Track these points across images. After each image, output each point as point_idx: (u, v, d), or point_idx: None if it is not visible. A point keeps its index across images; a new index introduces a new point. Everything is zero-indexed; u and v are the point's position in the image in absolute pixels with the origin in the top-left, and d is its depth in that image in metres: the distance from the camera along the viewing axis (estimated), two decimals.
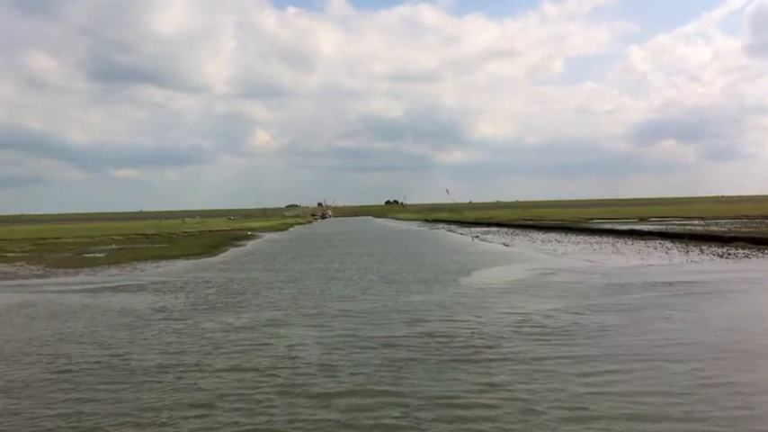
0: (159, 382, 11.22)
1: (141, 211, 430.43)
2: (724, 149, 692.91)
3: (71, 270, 33.45)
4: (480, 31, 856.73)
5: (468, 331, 14.77)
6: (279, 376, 11.44)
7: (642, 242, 43.81)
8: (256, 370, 11.89)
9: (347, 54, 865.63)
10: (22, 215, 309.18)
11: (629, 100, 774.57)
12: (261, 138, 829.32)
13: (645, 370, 11.20)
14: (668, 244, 41.15)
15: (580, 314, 16.70)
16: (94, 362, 12.80)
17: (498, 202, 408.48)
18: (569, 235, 57.64)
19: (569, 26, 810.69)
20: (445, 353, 12.75)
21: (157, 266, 35.35)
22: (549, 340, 13.59)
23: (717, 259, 30.84)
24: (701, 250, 35.59)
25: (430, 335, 14.58)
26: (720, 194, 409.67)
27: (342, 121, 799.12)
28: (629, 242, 44.24)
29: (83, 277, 30.22)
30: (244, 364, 12.41)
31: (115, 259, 39.81)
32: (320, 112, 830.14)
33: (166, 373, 11.79)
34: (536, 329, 14.80)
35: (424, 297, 20.79)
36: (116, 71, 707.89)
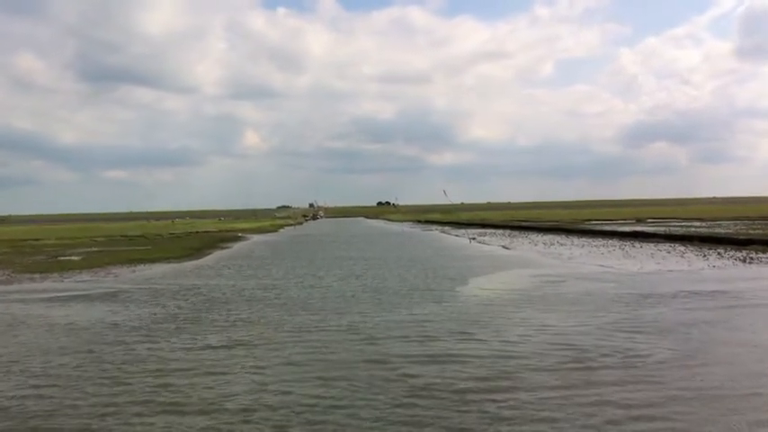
0: None
1: (131, 212, 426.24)
2: (715, 152, 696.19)
3: (38, 276, 30.70)
4: (470, 34, 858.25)
5: (490, 361, 12.03)
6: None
7: (651, 245, 41.41)
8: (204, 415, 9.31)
9: (337, 55, 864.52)
10: (9, 216, 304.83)
11: (620, 102, 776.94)
12: (251, 139, 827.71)
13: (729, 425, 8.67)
14: (680, 247, 38.75)
15: (613, 334, 14.14)
16: None
17: (490, 204, 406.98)
18: (571, 237, 55.20)
19: (560, 28, 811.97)
20: (470, 400, 9.99)
21: (133, 271, 32.67)
22: (591, 377, 10.88)
23: (740, 264, 28.42)
24: (718, 254, 33.18)
25: (443, 364, 11.90)
26: (713, 196, 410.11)
27: (333, 122, 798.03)
28: (637, 245, 41.82)
29: (48, 284, 27.51)
30: (188, 407, 9.81)
31: (89, 263, 37.09)
32: (311, 113, 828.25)
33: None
34: (569, 357, 12.14)
35: (428, 310, 18.18)
36: (104, 72, 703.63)
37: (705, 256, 32.63)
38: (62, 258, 41.74)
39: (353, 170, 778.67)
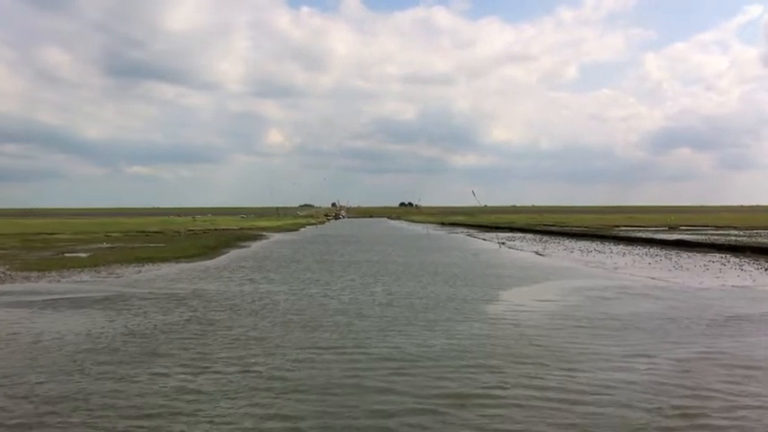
0: None
1: (155, 208, 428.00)
2: (740, 159, 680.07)
3: (34, 274, 28.32)
4: (495, 36, 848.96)
5: (563, 414, 9.14)
6: None
7: (699, 255, 38.03)
8: None
9: (361, 55, 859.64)
10: (33, 209, 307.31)
11: (644, 108, 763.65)
12: (274, 137, 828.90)
13: None
14: (733, 258, 35.36)
15: (712, 379, 11.12)
16: None
17: (514, 207, 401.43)
18: (606, 244, 51.84)
19: (584, 32, 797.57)
20: None
21: (139, 271, 30.23)
22: None
23: None
24: None
25: (494, 417, 9.08)
26: (740, 204, 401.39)
27: (355, 122, 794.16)
28: (685, 255, 38.43)
29: (42, 284, 25.14)
30: None
31: (95, 261, 34.73)
32: (334, 112, 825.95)
33: None
34: (670, 412, 9.16)
35: (461, 331, 15.28)
36: (129, 67, 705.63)
37: (767, 269, 29.32)
38: (69, 255, 39.55)
39: (376, 170, 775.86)
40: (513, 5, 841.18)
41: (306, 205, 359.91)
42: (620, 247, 47.73)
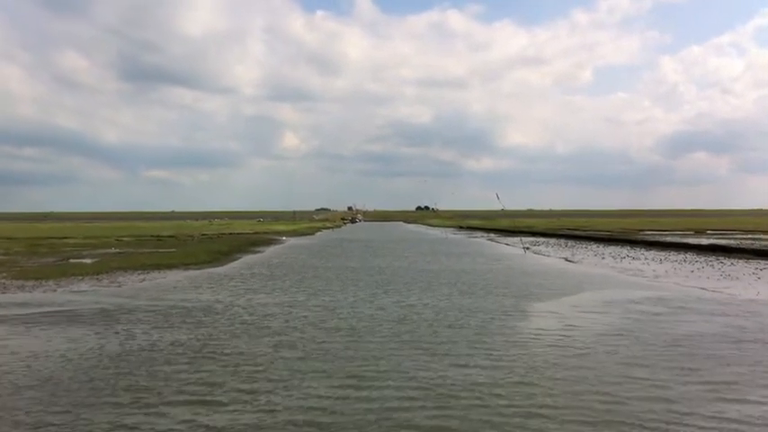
0: None
1: (173, 212, 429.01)
2: (756, 163, 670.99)
3: (30, 283, 26.42)
4: (509, 39, 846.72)
5: None
6: None
7: (742, 262, 35.37)
8: None
9: (375, 59, 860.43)
10: (50, 212, 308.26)
11: (660, 111, 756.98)
12: (290, 141, 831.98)
13: None
14: None
15: None
16: None
17: (531, 211, 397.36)
18: (638, 249, 49.13)
19: (599, 35, 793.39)
20: None
21: (143, 279, 28.29)
22: None
23: None
24: None
25: None
26: (758, 207, 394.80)
27: (370, 125, 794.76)
28: (727, 262, 35.77)
29: (37, 294, 23.27)
30: None
31: (98, 268, 32.82)
32: (349, 116, 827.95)
33: None
34: None
35: (496, 361, 13.07)
36: (146, 72, 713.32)
37: None
38: (73, 261, 37.77)
39: (392, 174, 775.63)
40: (526, 9, 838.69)
41: (322, 209, 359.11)
42: (654, 252, 45.07)
